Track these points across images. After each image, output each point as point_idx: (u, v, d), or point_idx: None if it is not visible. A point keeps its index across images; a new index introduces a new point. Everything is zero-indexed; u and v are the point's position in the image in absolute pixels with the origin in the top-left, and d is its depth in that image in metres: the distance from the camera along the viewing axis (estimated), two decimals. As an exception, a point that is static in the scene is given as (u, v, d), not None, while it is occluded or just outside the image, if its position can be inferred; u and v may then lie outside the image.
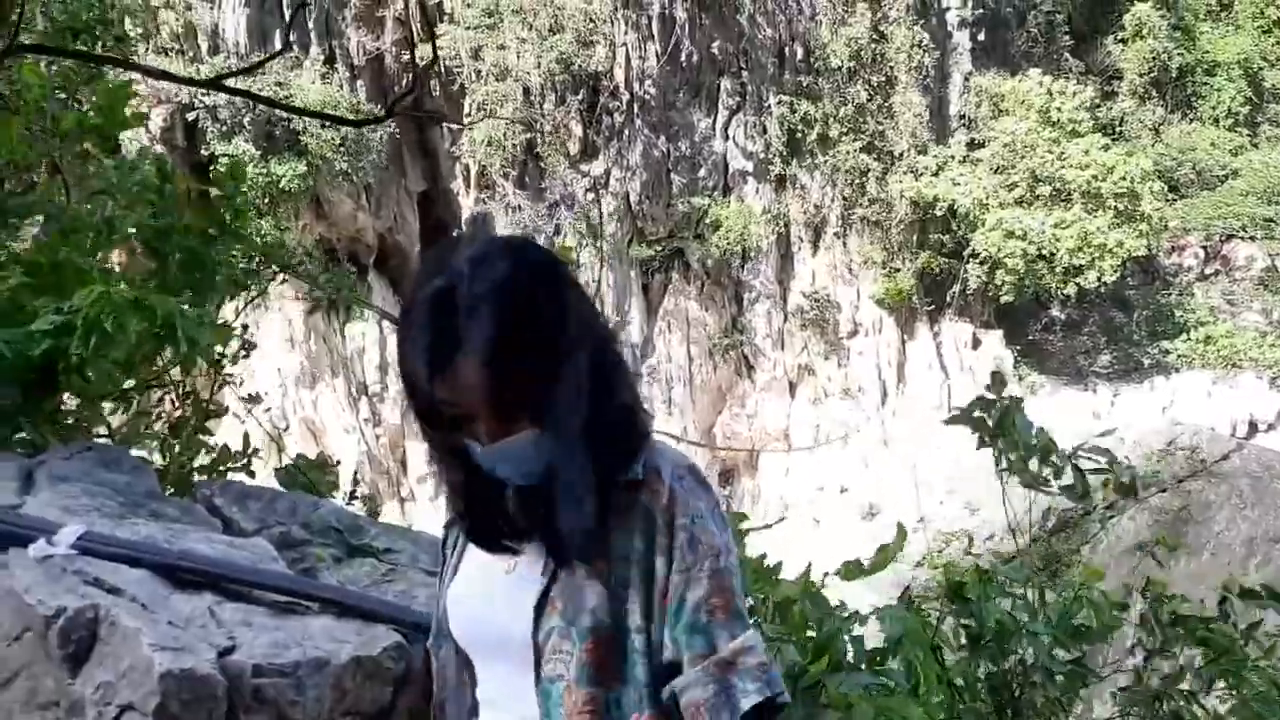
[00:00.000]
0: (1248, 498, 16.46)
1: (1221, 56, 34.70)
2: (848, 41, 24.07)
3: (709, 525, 1.49)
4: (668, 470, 1.51)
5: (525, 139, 21.79)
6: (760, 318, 24.75)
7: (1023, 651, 2.14)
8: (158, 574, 1.97)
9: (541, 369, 1.42)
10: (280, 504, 2.53)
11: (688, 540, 1.47)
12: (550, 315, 1.45)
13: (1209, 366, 27.30)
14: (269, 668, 1.78)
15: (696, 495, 1.51)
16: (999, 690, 2.17)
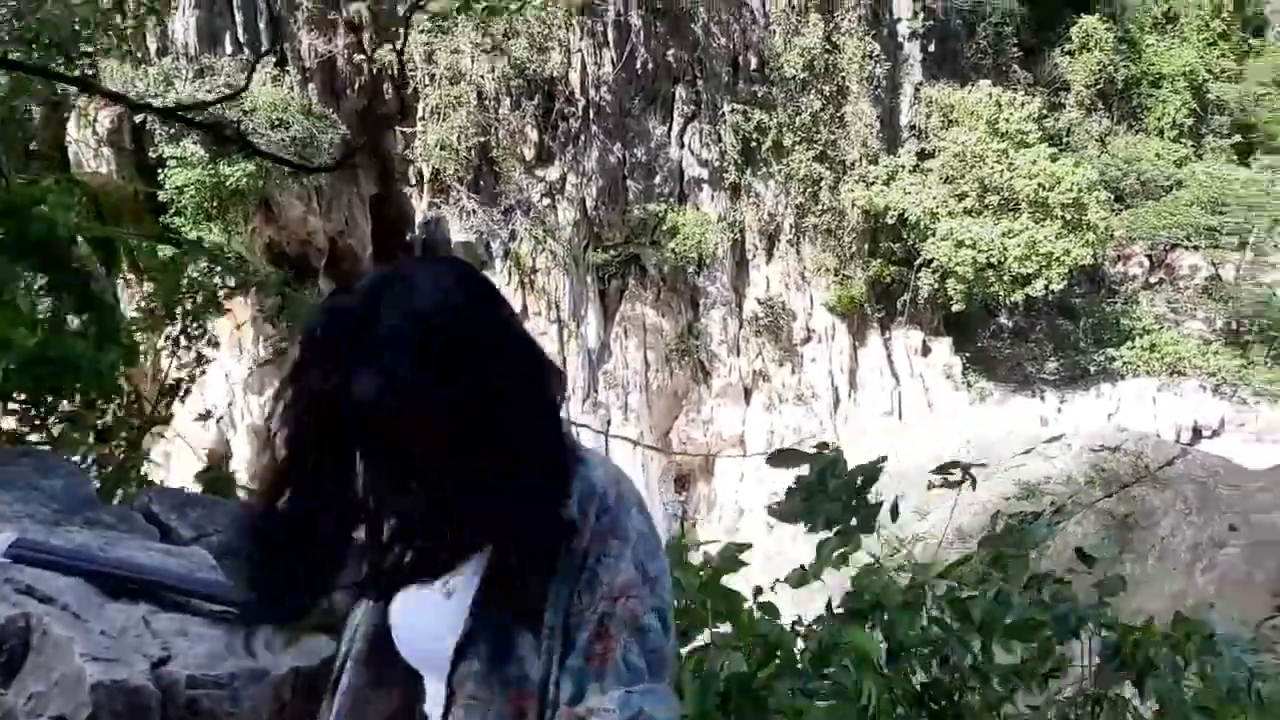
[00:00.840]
0: (1192, 503, 16.72)
1: (1166, 69, 35.42)
2: (801, 51, 24.27)
3: (617, 565, 1.43)
4: (593, 507, 1.45)
5: (480, 143, 21.69)
6: (716, 324, 24.85)
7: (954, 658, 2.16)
8: (91, 582, 1.94)
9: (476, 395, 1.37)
10: (219, 512, 2.50)
11: (589, 580, 1.42)
12: (488, 340, 1.42)
13: (1154, 373, 27.82)
14: (204, 679, 1.75)
15: (614, 531, 1.45)
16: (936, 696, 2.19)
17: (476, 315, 1.42)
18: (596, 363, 22.99)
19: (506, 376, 1.41)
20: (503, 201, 22.00)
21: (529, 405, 1.44)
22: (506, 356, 1.43)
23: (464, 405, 1.36)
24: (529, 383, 1.45)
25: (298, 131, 19.20)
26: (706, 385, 24.96)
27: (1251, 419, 27.15)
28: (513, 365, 1.43)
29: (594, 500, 1.46)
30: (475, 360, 1.37)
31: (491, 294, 1.48)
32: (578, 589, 1.43)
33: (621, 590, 1.42)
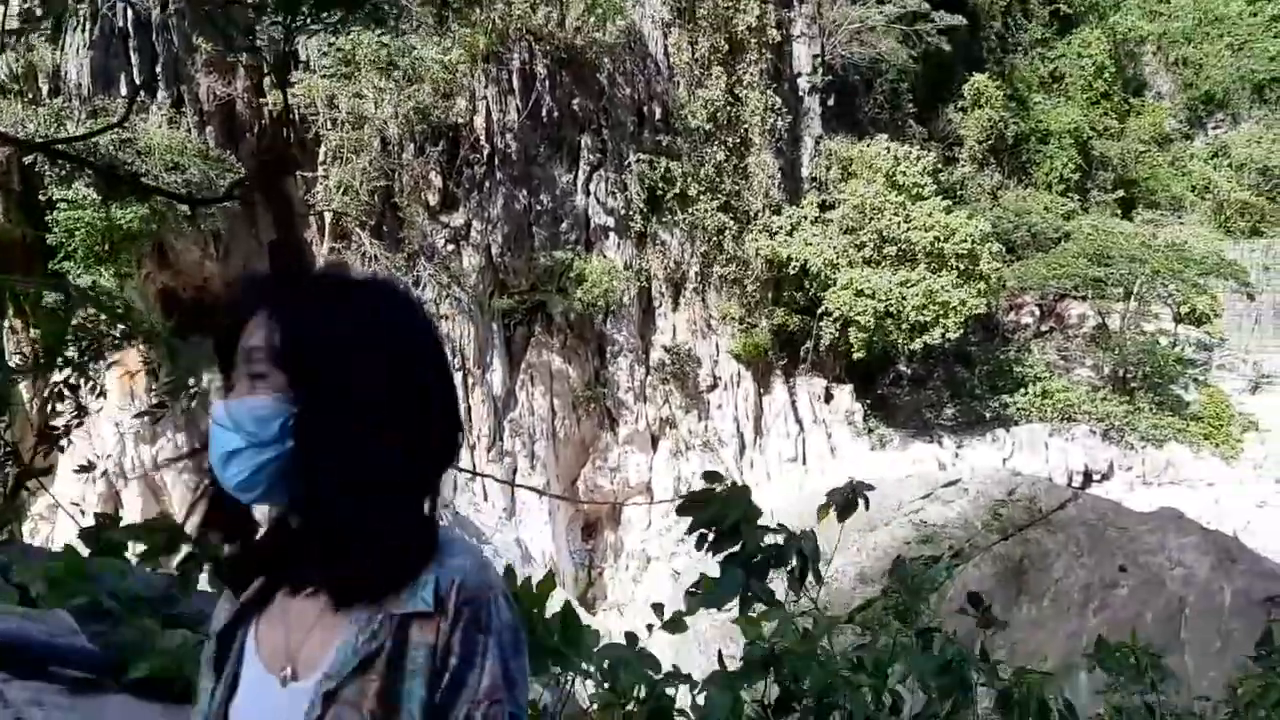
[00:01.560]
0: (1084, 545, 17.16)
1: (1054, 126, 37.03)
2: (704, 103, 24.69)
3: (483, 664, 1.38)
4: (454, 598, 1.38)
5: (383, 188, 21.45)
6: (623, 371, 24.85)
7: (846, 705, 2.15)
8: (-63, 651, 1.80)
9: (342, 350, 1.40)
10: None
11: (452, 682, 1.36)
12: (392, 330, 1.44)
13: (1046, 419, 28.66)
14: (56, 753, 1.62)
15: (478, 623, 1.39)
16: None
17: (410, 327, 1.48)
18: (502, 410, 22.77)
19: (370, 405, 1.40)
20: (406, 247, 21.74)
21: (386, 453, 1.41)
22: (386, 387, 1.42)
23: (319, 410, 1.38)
24: (396, 424, 1.42)
25: (194, 174, 18.75)
26: (613, 433, 24.89)
27: (1138, 463, 28.12)
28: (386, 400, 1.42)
29: (456, 590, 1.39)
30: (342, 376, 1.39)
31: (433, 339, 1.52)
32: (439, 690, 1.36)
33: (487, 694, 1.37)
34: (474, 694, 1.36)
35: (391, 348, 1.43)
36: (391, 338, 1.44)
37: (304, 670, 1.41)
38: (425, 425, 1.46)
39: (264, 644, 1.48)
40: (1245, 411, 30.16)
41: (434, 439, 1.48)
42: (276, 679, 1.43)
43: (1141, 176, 39.41)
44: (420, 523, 1.46)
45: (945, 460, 26.72)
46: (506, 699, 1.38)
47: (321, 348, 1.39)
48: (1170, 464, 28.01)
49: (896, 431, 27.95)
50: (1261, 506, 26.24)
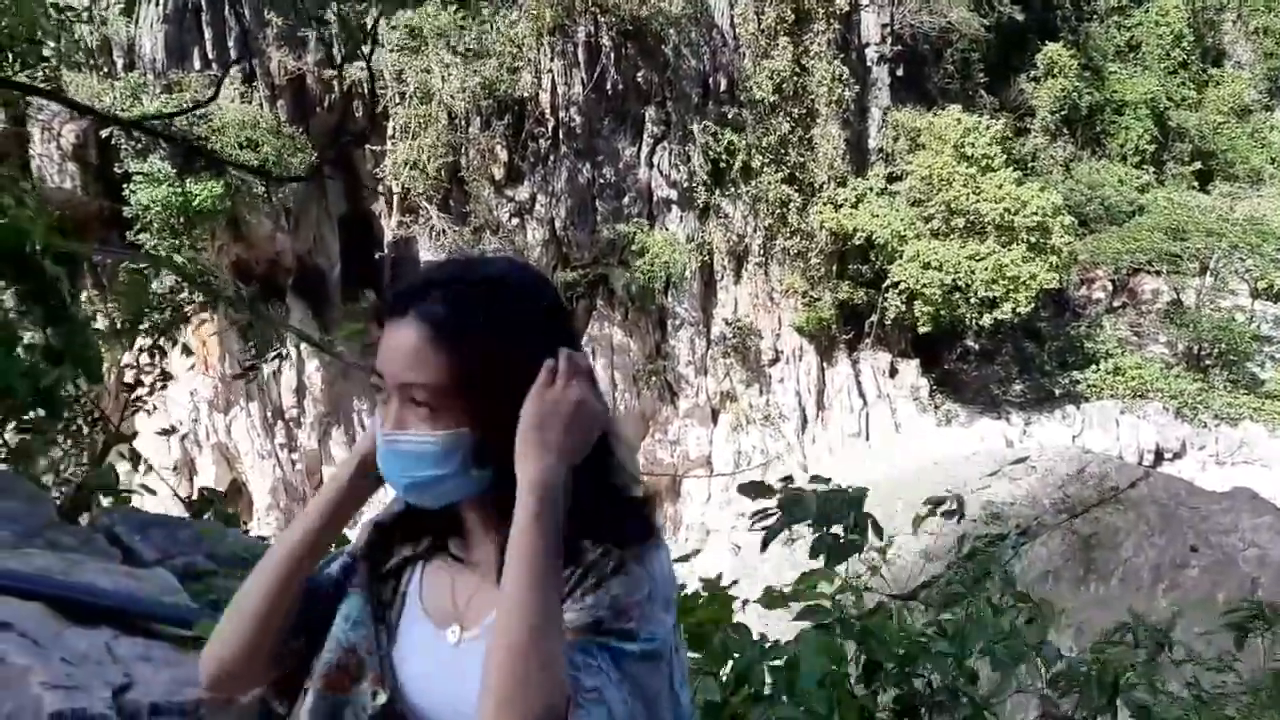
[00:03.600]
0: (1154, 525, 16.91)
1: (1129, 96, 36.02)
2: (770, 74, 24.45)
3: (633, 584, 1.37)
4: (613, 552, 1.39)
5: (449, 163, 21.66)
6: (684, 345, 24.87)
7: (928, 674, 2.17)
8: (52, 607, 1.89)
9: (495, 372, 1.36)
10: (184, 533, 2.44)
11: (597, 583, 1.37)
12: (545, 330, 1.42)
13: (1117, 396, 28.11)
14: (168, 706, 1.70)
15: (638, 560, 1.39)
16: (906, 714, 2.19)
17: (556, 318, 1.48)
18: (565, 383, 22.94)
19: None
20: (472, 221, 21.96)
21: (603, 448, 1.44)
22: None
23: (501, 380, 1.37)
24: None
25: (268, 151, 19.09)
26: (674, 406, 24.95)
27: (1211, 442, 27.50)
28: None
29: (619, 540, 1.41)
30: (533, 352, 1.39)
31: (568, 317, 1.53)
32: (584, 585, 1.37)
33: (625, 609, 1.36)
34: (615, 603, 1.36)
35: (543, 338, 1.41)
36: (540, 329, 1.42)
37: (470, 626, 1.45)
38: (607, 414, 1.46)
39: (430, 599, 1.51)
40: (1324, 390, 29.29)
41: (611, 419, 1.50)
42: (447, 636, 1.46)
43: (1219, 148, 38.21)
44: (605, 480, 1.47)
45: (1013, 437, 26.38)
46: (641, 622, 1.36)
47: (483, 368, 1.36)
48: (1245, 443, 27.35)
49: (963, 408, 27.62)
50: (1340, 488, 25.56)
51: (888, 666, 2.15)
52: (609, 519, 1.43)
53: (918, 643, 2.18)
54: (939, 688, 2.16)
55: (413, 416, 1.38)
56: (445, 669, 1.45)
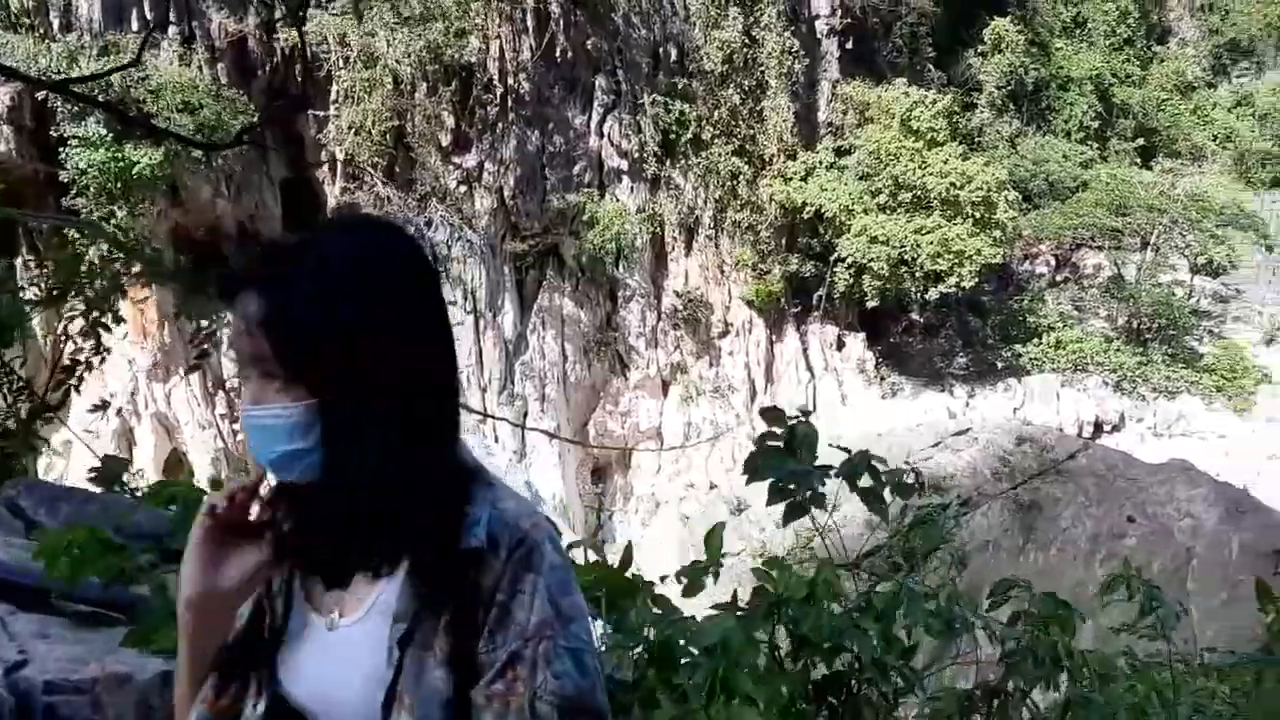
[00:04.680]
0: (1093, 496, 17.23)
1: (1074, 72, 36.45)
2: (720, 45, 24.35)
3: (532, 602, 1.36)
4: (505, 538, 1.39)
5: (394, 128, 21.31)
6: (634, 316, 24.83)
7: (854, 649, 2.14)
8: (-53, 582, 1.80)
9: (340, 338, 1.32)
10: (92, 506, 2.34)
11: (500, 616, 1.36)
12: (378, 296, 1.36)
13: (1058, 369, 28.59)
14: (63, 684, 1.61)
15: (529, 565, 1.38)
16: (833, 690, 2.17)
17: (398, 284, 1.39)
18: (513, 354, 22.80)
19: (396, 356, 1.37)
20: (418, 188, 21.65)
21: (415, 391, 1.39)
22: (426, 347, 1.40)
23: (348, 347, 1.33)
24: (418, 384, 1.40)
25: (206, 114, 18.62)
26: (624, 378, 24.94)
27: (1150, 414, 28.08)
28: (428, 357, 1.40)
29: (506, 530, 1.40)
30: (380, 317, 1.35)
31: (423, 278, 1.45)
32: (487, 625, 1.36)
33: (535, 631, 1.36)
34: (523, 630, 1.35)
35: (399, 313, 1.38)
36: (389, 298, 1.38)
37: (350, 613, 1.42)
38: (444, 369, 1.45)
39: (310, 583, 1.48)
40: (1259, 364, 30.00)
41: (452, 379, 1.47)
42: (324, 623, 1.44)
43: (1162, 125, 38.86)
44: (441, 472, 1.43)
45: (956, 409, 26.74)
46: (558, 633, 1.36)
47: (329, 340, 1.32)
48: (1182, 416, 27.96)
49: (908, 380, 27.93)
50: (1272, 459, 26.20)
51: (816, 641, 2.12)
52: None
53: (845, 617, 2.16)
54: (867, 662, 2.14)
55: (270, 391, 1.35)
56: (321, 655, 1.43)
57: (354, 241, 1.42)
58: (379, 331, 1.35)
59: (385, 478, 1.36)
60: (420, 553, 1.38)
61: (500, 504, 1.43)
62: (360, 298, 1.35)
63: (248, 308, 1.33)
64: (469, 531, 1.39)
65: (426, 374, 1.42)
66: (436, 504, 1.39)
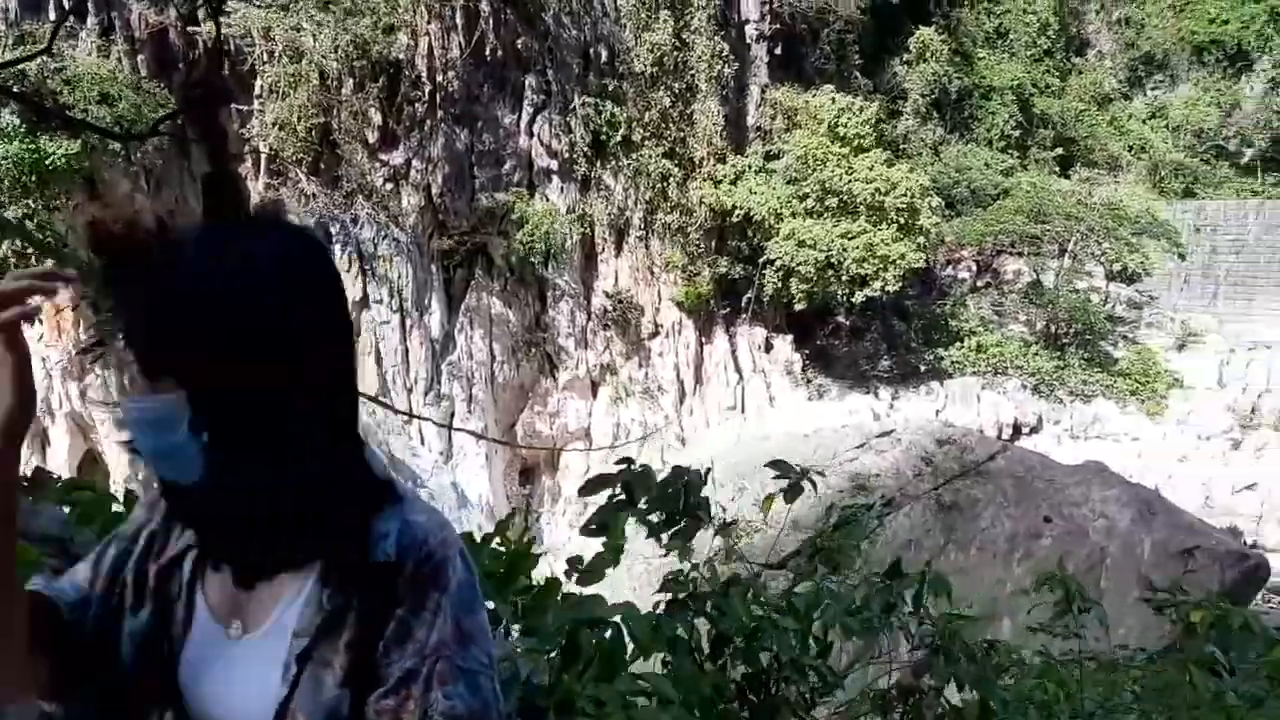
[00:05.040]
0: (1011, 496, 17.57)
1: (996, 82, 37.22)
2: (651, 47, 24.43)
3: (434, 619, 1.34)
4: (414, 553, 1.36)
5: (320, 124, 20.98)
6: (564, 317, 24.77)
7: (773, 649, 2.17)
8: None
9: (219, 339, 1.26)
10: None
11: (399, 631, 1.34)
12: (301, 295, 1.32)
13: (979, 373, 29.18)
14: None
15: (435, 581, 1.36)
16: (753, 689, 2.19)
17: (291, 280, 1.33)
18: (440, 354, 22.60)
19: (285, 363, 1.30)
20: (344, 185, 21.35)
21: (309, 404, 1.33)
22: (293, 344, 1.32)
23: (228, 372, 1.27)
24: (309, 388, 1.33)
25: (124, 107, 18.16)
26: (553, 378, 24.87)
27: (1066, 417, 28.81)
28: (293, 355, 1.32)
29: (416, 544, 1.37)
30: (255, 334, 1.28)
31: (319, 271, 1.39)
32: (387, 641, 1.33)
33: (434, 649, 1.34)
34: (422, 648, 1.33)
35: (287, 313, 1.32)
36: (285, 301, 1.32)
37: (253, 624, 1.38)
38: (339, 375, 1.40)
39: (211, 590, 1.43)
40: (1171, 369, 30.95)
41: (348, 386, 1.42)
42: (225, 631, 1.39)
43: (1080, 135, 39.83)
44: (361, 473, 1.41)
45: (880, 411, 27.13)
46: (456, 653, 1.35)
47: (212, 338, 1.26)
48: (1097, 419, 28.74)
49: (834, 382, 28.29)
50: (1182, 461, 27.10)
51: (736, 641, 2.14)
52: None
53: (764, 617, 2.18)
54: (785, 661, 2.17)
55: (148, 382, 1.30)
56: (223, 667, 1.38)
57: (276, 240, 1.37)
58: (301, 328, 1.32)
59: (306, 478, 1.32)
60: (330, 562, 1.35)
61: (411, 517, 1.40)
62: (258, 295, 1.30)
63: (147, 298, 1.29)
64: (378, 545, 1.36)
65: (343, 374, 1.39)
66: (357, 506, 1.36)
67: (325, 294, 1.38)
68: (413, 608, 1.34)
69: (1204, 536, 15.75)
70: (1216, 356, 31.60)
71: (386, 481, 1.44)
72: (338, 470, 1.35)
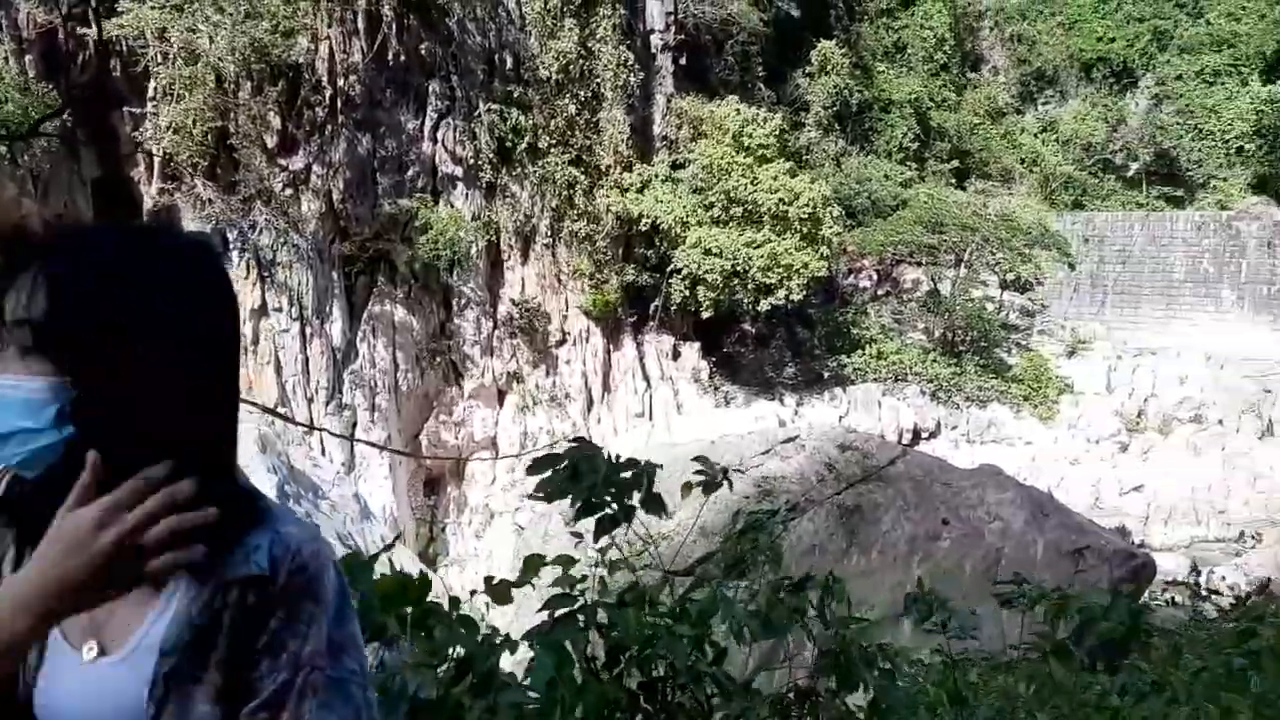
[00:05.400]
0: (911, 500, 17.92)
1: (895, 95, 38.13)
2: (557, 55, 24.39)
3: (307, 631, 1.32)
4: (285, 564, 1.33)
5: (217, 128, 20.43)
6: (469, 324, 24.54)
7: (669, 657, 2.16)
8: None
9: (99, 327, 1.24)
10: None
11: (270, 644, 1.31)
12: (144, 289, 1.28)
13: (880, 379, 29.80)
14: None
15: (309, 593, 1.33)
16: (648, 698, 2.19)
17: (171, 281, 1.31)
18: (342, 362, 22.18)
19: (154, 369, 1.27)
20: (242, 190, 20.80)
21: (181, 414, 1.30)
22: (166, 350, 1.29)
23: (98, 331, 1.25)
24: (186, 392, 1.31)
25: (12, 109, 17.44)
26: (458, 387, 24.61)
27: (963, 421, 29.59)
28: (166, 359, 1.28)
29: (288, 556, 1.34)
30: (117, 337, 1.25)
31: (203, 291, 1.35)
32: (259, 654, 1.31)
33: (307, 661, 1.32)
34: (295, 660, 1.31)
35: (177, 311, 1.30)
36: (176, 301, 1.30)
37: (113, 645, 1.32)
38: (220, 385, 1.37)
39: None
40: (1062, 375, 32.05)
41: (227, 398, 1.40)
42: (80, 654, 1.32)
43: (975, 148, 41.04)
44: (231, 485, 1.37)
45: (785, 417, 27.48)
46: (328, 665, 1.33)
47: (97, 324, 1.24)
48: (992, 423, 29.57)
49: (740, 389, 28.58)
50: (1074, 464, 28.08)
51: (631, 650, 2.14)
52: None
53: (658, 626, 2.18)
54: (681, 669, 2.17)
55: (17, 363, 1.26)
56: (82, 693, 1.31)
57: (168, 244, 1.36)
58: (167, 325, 1.29)
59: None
60: (198, 577, 1.30)
61: (282, 529, 1.37)
62: (142, 291, 1.28)
63: (32, 289, 1.26)
64: (250, 557, 1.32)
65: (202, 385, 1.34)
66: (227, 519, 1.30)
67: (213, 301, 1.36)
68: (287, 620, 1.32)
69: (1094, 536, 16.28)
70: (1104, 363, 32.84)
71: (253, 493, 1.41)
72: (207, 482, 1.29)
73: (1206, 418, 30.22)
